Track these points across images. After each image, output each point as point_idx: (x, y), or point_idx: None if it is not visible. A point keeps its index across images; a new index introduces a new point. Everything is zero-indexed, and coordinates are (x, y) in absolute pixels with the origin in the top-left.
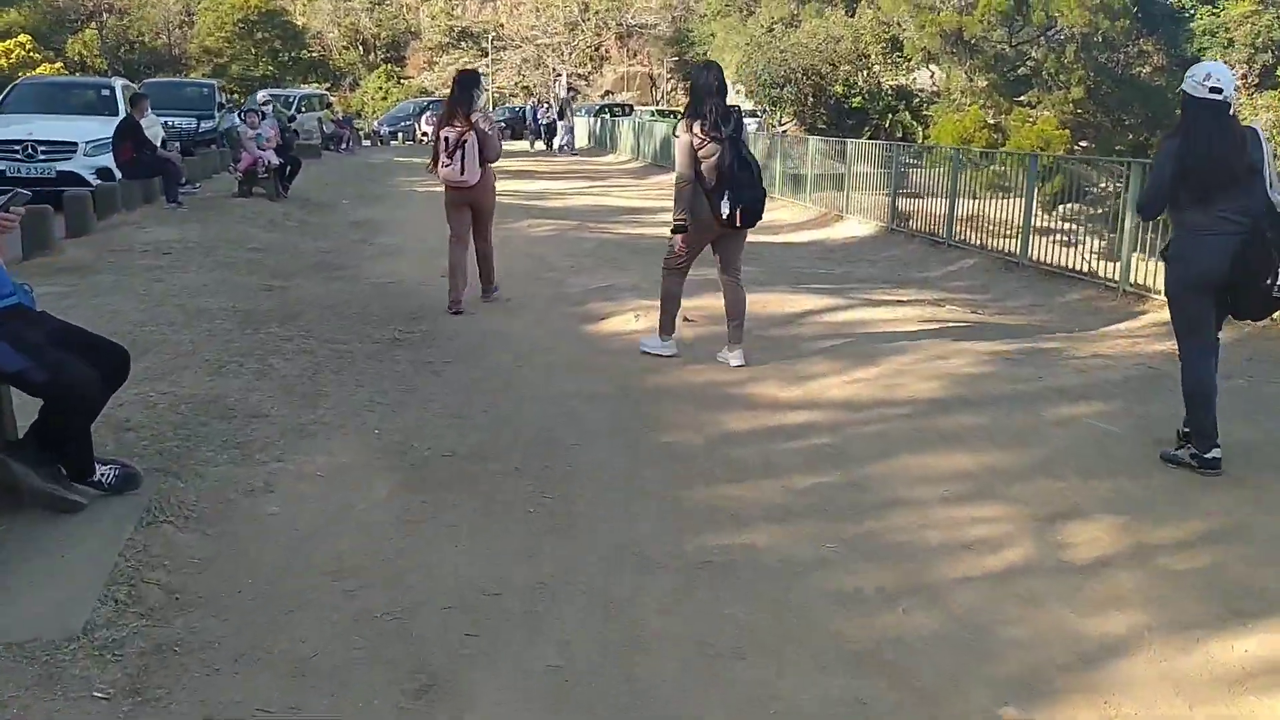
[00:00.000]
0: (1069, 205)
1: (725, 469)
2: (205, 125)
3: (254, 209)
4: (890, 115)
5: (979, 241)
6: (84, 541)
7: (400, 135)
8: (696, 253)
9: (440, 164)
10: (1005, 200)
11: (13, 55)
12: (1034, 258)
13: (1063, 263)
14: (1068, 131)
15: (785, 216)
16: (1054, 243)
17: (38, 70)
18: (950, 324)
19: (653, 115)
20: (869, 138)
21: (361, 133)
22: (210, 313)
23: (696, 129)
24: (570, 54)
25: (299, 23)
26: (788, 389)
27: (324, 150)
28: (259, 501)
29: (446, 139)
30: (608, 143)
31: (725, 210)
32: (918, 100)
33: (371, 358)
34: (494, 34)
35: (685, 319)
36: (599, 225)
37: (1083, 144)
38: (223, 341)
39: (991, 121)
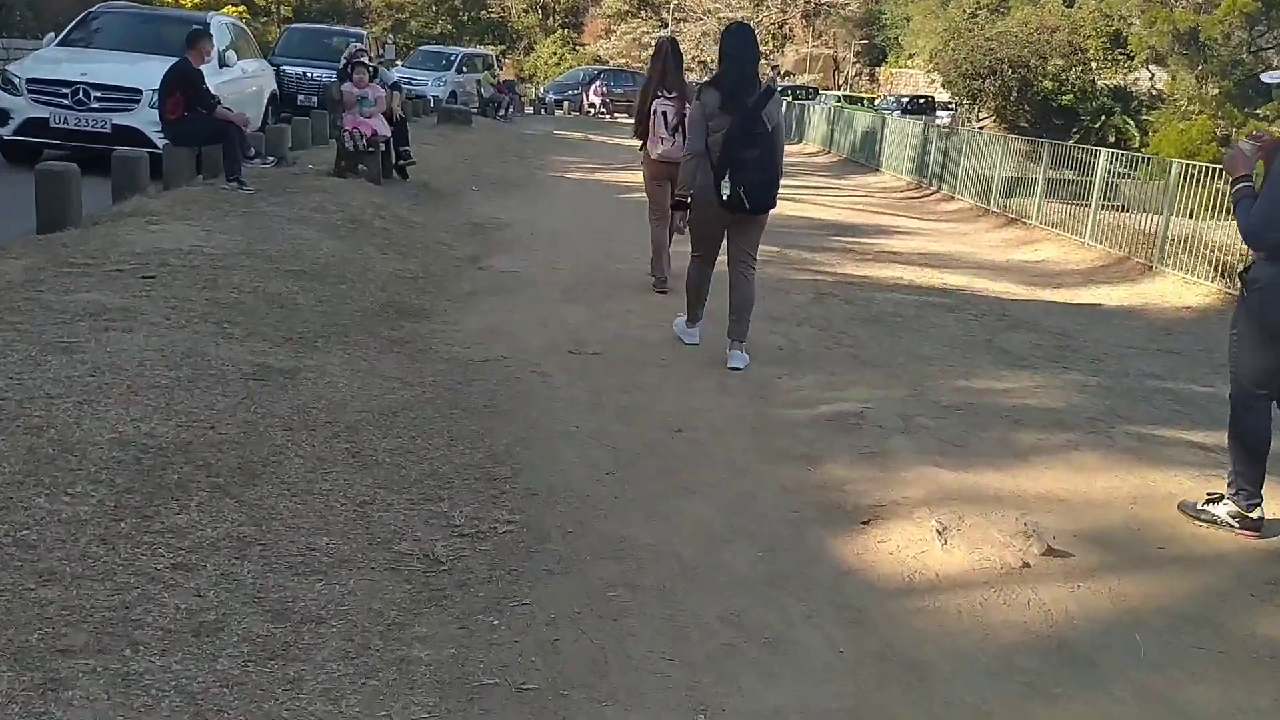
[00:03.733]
0: None
1: None
2: None
3: (342, 197)
4: (1104, 118)
5: None
6: None
7: (566, 104)
8: (716, 239)
9: (658, 140)
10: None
11: None
12: None
13: None
14: None
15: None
16: None
17: (224, 10)
18: None
19: (839, 101)
20: (1077, 141)
21: (525, 99)
22: (66, 468)
23: (712, 98)
24: (755, 29)
25: None
26: None
27: (481, 115)
28: None
29: (665, 114)
30: (792, 130)
31: (725, 192)
32: (1136, 104)
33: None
34: (675, 4)
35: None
36: (807, 258)
37: None
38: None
39: (1221, 135)
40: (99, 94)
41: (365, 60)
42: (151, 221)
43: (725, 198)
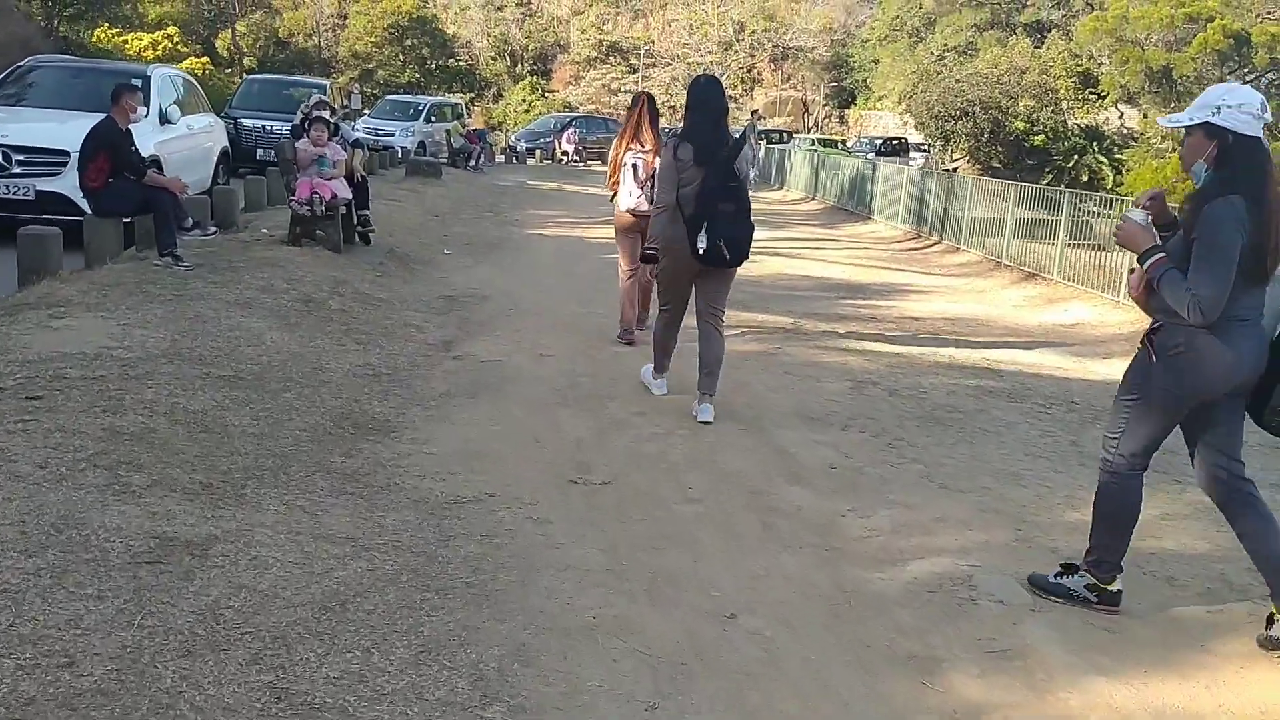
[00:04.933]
0: None
1: None
2: None
3: (296, 270)
4: (1077, 157)
5: None
6: None
7: (538, 152)
8: (684, 292)
9: (627, 193)
10: None
11: (160, 47)
12: None
13: None
14: None
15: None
16: None
17: (183, 65)
18: None
19: (813, 144)
20: (1050, 181)
21: (496, 148)
22: None
23: (685, 151)
24: (722, 74)
25: (449, 31)
26: None
27: (451, 166)
28: None
29: (635, 166)
30: (772, 175)
31: (702, 245)
32: (1109, 142)
33: None
34: (645, 50)
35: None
36: (826, 330)
37: None
38: None
39: None
40: (21, 157)
41: (325, 115)
42: (56, 314)
43: (702, 251)
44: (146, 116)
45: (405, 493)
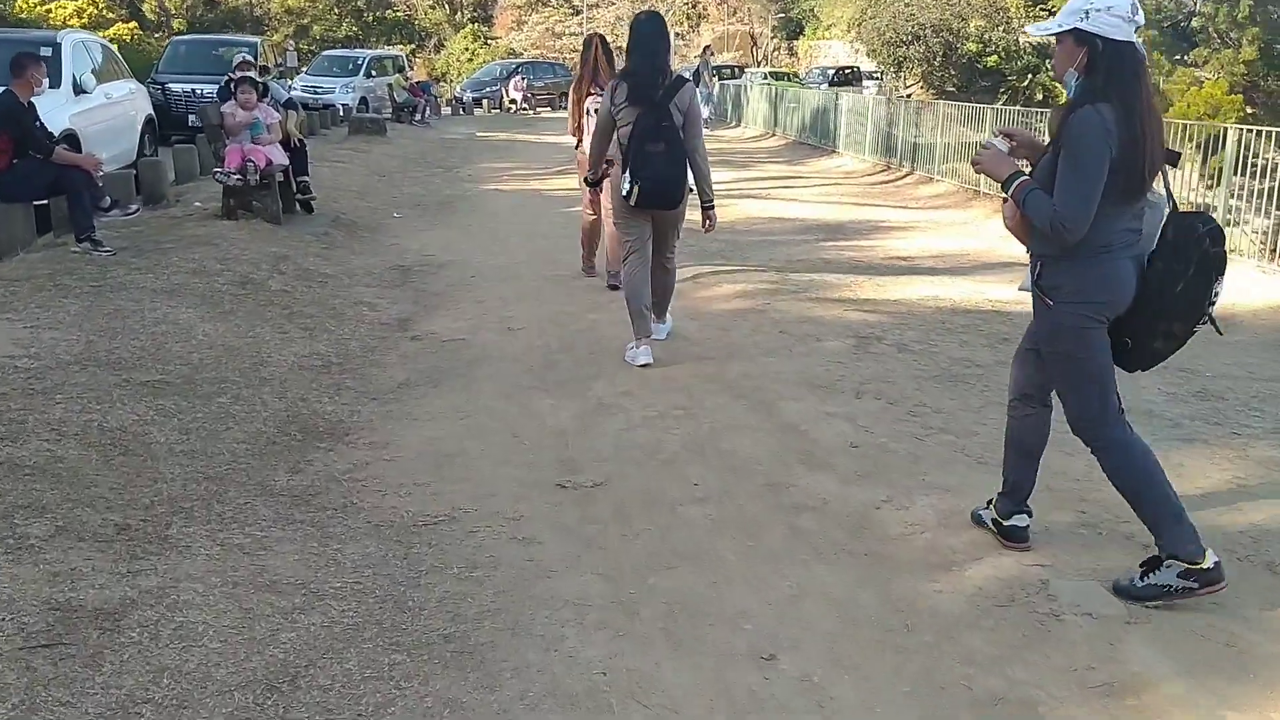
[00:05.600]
0: (1236, 179)
1: None
2: None
3: (232, 248)
4: (1030, 76)
5: None
6: None
7: (485, 102)
8: (641, 233)
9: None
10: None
11: (85, 14)
12: None
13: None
14: (1240, 97)
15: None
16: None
17: (109, 32)
18: None
19: (765, 78)
20: (1005, 101)
21: (442, 100)
22: None
23: (616, 91)
24: (667, 11)
25: None
26: None
27: (396, 122)
28: None
29: (597, 111)
30: (729, 112)
31: (626, 189)
32: None
33: None
34: None
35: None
36: (815, 280)
37: (1250, 110)
38: None
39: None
40: None
41: (253, 75)
42: None
43: (625, 194)
44: (59, 88)
45: (364, 515)
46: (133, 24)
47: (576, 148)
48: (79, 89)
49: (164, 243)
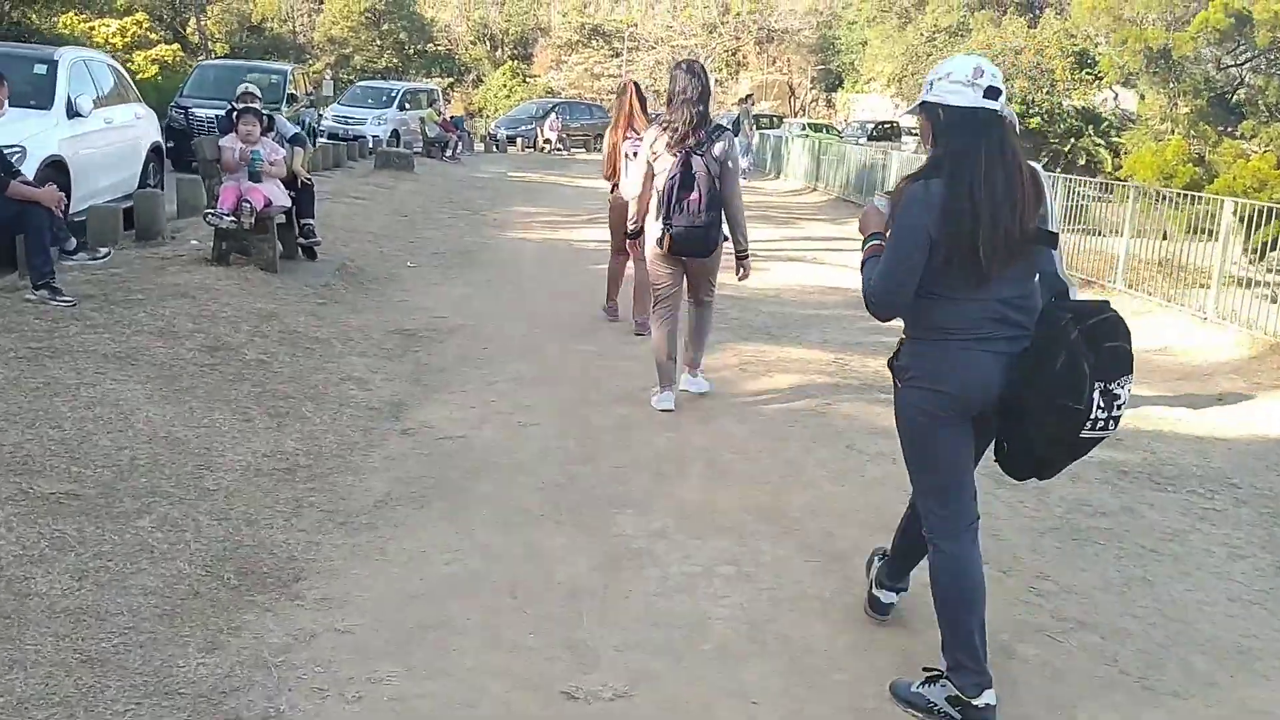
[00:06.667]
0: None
1: None
2: None
3: (213, 301)
4: (1073, 140)
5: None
6: None
7: (520, 140)
8: (672, 281)
9: (633, 182)
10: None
11: (128, 34)
12: None
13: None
14: None
15: None
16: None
17: (150, 53)
18: None
19: (804, 129)
20: (1045, 165)
21: (476, 136)
22: None
23: (656, 139)
24: (707, 58)
25: (427, 15)
26: None
27: (425, 157)
28: None
29: (636, 155)
30: (768, 163)
31: (658, 235)
32: (1106, 125)
33: None
34: (628, 34)
35: None
36: (864, 375)
37: None
38: None
39: (1196, 155)
40: None
41: (257, 106)
42: None
43: (658, 240)
44: (49, 109)
45: None
46: (175, 46)
47: (612, 192)
48: (73, 112)
49: (137, 292)
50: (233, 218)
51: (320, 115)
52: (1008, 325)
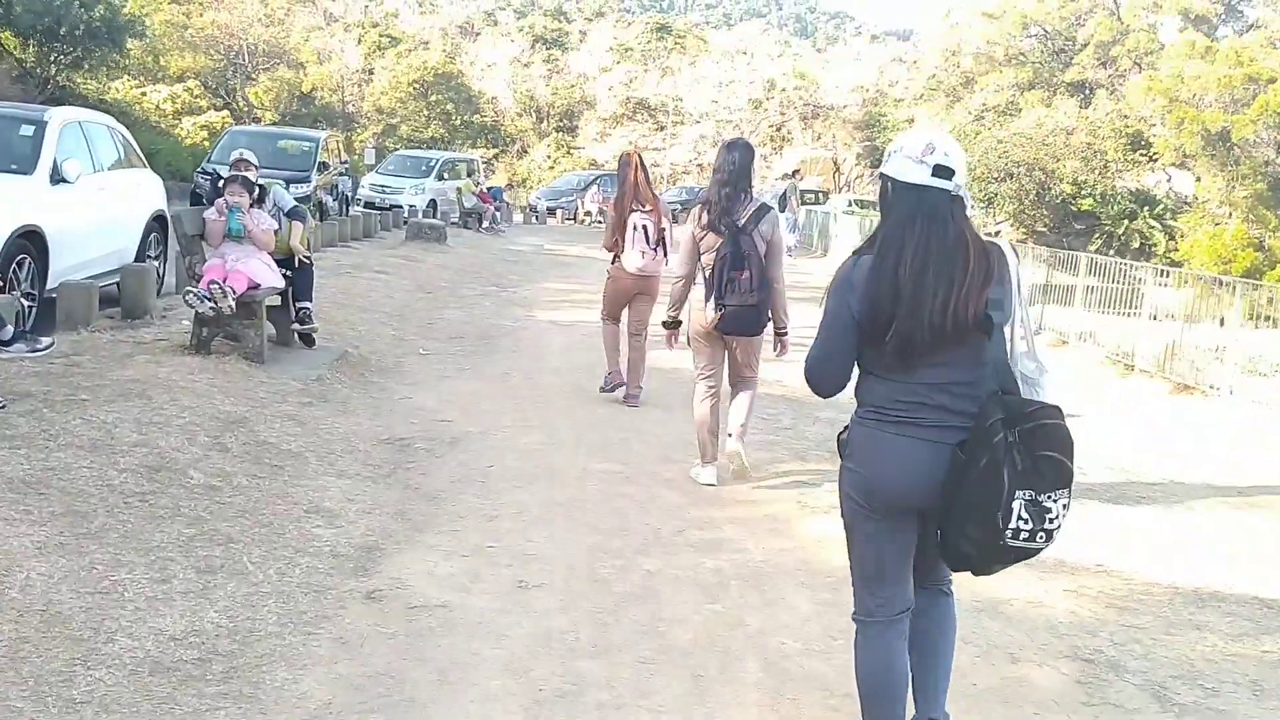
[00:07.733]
0: None
1: None
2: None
3: (172, 401)
4: (1127, 222)
5: None
6: None
7: (560, 212)
8: (717, 363)
9: (638, 253)
10: None
11: (179, 100)
12: None
13: None
14: None
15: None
16: None
17: (199, 120)
18: None
19: (849, 206)
20: (1098, 248)
21: (516, 206)
22: None
23: (701, 218)
24: (752, 133)
25: (474, 87)
26: None
27: (461, 228)
28: None
29: (645, 228)
30: (814, 241)
31: (710, 314)
32: (1161, 207)
33: None
34: (672, 108)
35: None
36: None
37: None
38: None
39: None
40: None
41: (250, 175)
42: None
43: (713, 321)
44: (30, 174)
45: None
46: (225, 113)
47: (613, 262)
48: (58, 178)
49: (85, 390)
50: (210, 301)
51: (356, 183)
52: (945, 412)
